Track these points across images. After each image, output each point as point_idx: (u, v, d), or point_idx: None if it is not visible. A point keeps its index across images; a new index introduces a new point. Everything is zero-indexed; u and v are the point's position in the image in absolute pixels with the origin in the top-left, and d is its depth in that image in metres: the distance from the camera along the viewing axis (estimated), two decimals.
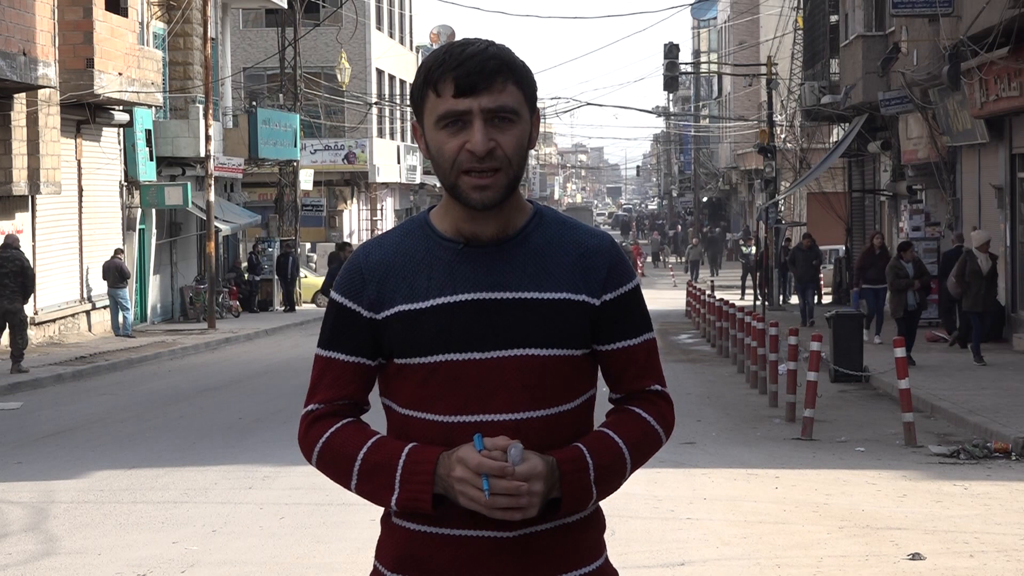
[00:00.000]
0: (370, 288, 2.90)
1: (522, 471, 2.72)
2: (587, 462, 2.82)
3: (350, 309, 2.91)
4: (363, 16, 52.55)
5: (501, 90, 2.81)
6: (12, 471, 13.15)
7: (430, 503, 2.78)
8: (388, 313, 2.87)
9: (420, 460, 2.79)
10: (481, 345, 2.83)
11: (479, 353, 2.83)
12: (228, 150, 38.61)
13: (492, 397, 2.82)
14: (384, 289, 2.89)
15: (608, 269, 2.92)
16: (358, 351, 2.91)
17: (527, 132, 2.87)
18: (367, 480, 2.84)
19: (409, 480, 2.78)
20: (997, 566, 8.80)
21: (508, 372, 2.83)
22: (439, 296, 2.85)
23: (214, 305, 33.75)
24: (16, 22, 24.26)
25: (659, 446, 2.97)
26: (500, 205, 2.85)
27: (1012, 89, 22.18)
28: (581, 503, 2.84)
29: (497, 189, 2.82)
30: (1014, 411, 15.78)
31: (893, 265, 22.16)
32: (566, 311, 2.87)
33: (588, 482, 2.82)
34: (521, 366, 2.83)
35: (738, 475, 12.43)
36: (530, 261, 2.89)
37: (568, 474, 2.80)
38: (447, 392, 2.82)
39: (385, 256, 2.92)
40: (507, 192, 2.84)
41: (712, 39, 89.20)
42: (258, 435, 15.37)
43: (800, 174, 43.15)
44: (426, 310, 2.85)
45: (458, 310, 2.84)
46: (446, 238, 2.90)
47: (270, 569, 8.90)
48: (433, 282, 2.86)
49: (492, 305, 2.85)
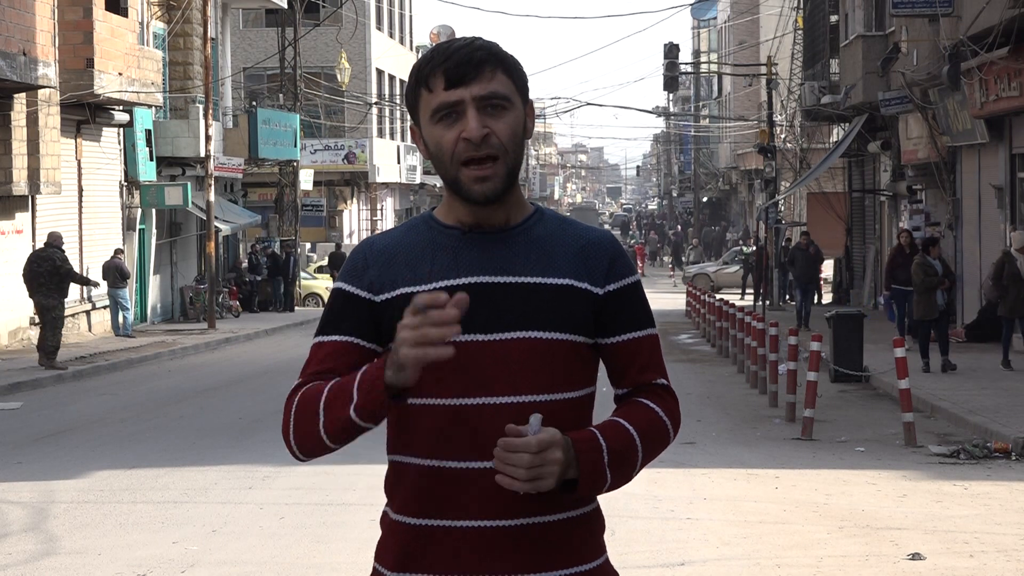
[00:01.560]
0: (371, 271, 2.91)
1: (545, 438, 2.71)
2: (601, 444, 2.82)
3: (349, 292, 2.92)
4: (363, 16, 52.56)
5: (491, 78, 2.84)
6: (12, 471, 13.15)
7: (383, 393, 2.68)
8: (389, 295, 2.88)
9: (375, 363, 2.73)
10: (484, 327, 2.84)
11: (482, 335, 2.84)
12: (228, 150, 38.61)
13: (495, 380, 2.82)
14: (386, 273, 2.90)
15: (610, 261, 2.94)
16: (352, 331, 2.89)
17: (521, 120, 2.89)
18: (330, 408, 2.76)
19: (363, 380, 2.72)
20: (997, 566, 8.80)
21: (511, 354, 2.83)
22: (443, 279, 2.87)
23: (214, 305, 33.75)
24: (16, 22, 24.26)
25: (667, 441, 2.96)
26: (501, 199, 2.87)
27: (1012, 89, 22.18)
28: (597, 485, 2.83)
29: (497, 179, 2.84)
30: (1014, 411, 15.78)
31: (921, 263, 20.73)
32: (569, 297, 2.88)
33: (603, 465, 2.81)
34: (524, 349, 2.84)
35: (738, 475, 12.44)
36: (533, 248, 2.91)
37: (584, 453, 2.79)
38: (449, 375, 2.81)
39: (388, 244, 2.94)
40: (507, 182, 2.86)
41: (712, 39, 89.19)
42: (258, 435, 15.37)
43: (800, 174, 43.15)
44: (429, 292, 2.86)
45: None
46: (449, 226, 2.93)
47: (270, 569, 8.90)
48: (437, 266, 2.89)
49: (496, 288, 2.86)
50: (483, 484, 2.81)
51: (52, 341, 22.59)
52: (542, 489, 2.73)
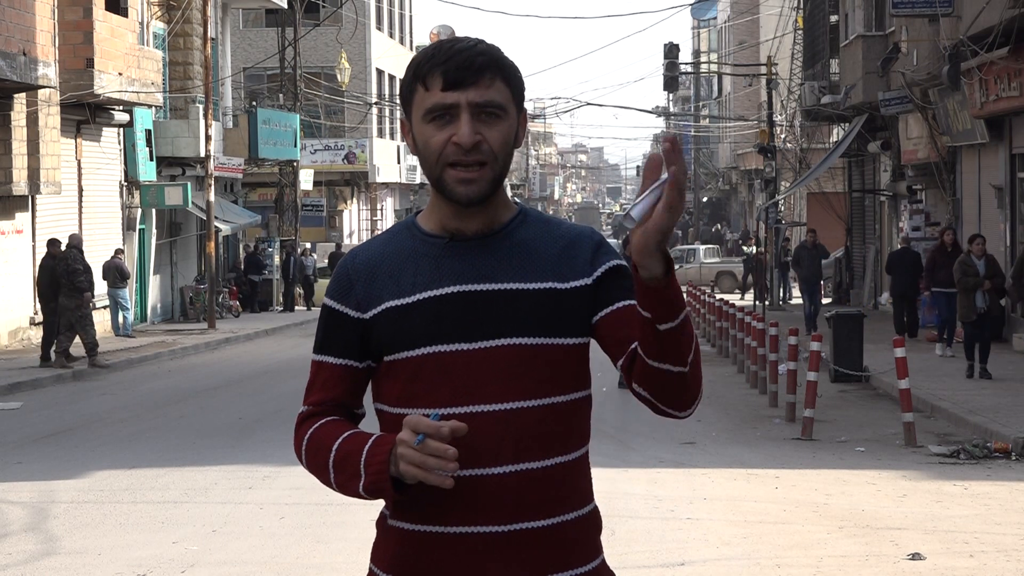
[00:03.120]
0: (357, 289, 2.92)
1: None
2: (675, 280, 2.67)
3: (338, 311, 2.94)
4: (363, 16, 52.55)
5: (489, 85, 2.83)
6: (12, 471, 13.16)
7: (389, 482, 2.75)
8: (376, 311, 2.89)
9: (381, 443, 2.79)
10: (469, 336, 2.84)
11: (467, 344, 2.84)
12: (228, 150, 38.61)
13: (482, 387, 2.81)
14: (371, 288, 2.91)
15: (593, 251, 2.93)
16: (346, 353, 2.93)
17: (514, 129, 2.89)
18: (340, 471, 2.85)
19: (370, 463, 2.78)
20: (997, 566, 8.80)
21: (497, 361, 2.83)
22: (425, 290, 2.87)
23: (214, 305, 33.76)
24: (16, 22, 24.26)
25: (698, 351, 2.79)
26: (485, 201, 2.87)
27: (1012, 89, 22.18)
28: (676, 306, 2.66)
29: (482, 184, 2.84)
30: (1014, 411, 15.78)
31: (962, 260, 19.87)
32: (553, 299, 2.87)
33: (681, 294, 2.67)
34: (509, 355, 2.84)
35: (738, 475, 12.44)
36: (515, 254, 2.90)
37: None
38: (437, 385, 2.83)
39: (371, 257, 2.95)
40: (492, 187, 2.86)
41: (712, 39, 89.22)
42: (258, 435, 15.37)
43: (800, 174, 43.15)
44: (413, 304, 2.87)
45: (445, 303, 2.86)
46: (431, 235, 2.92)
47: (270, 569, 8.90)
48: (419, 277, 2.89)
49: (478, 296, 2.86)
50: (475, 491, 2.81)
51: (87, 339, 22.94)
52: None
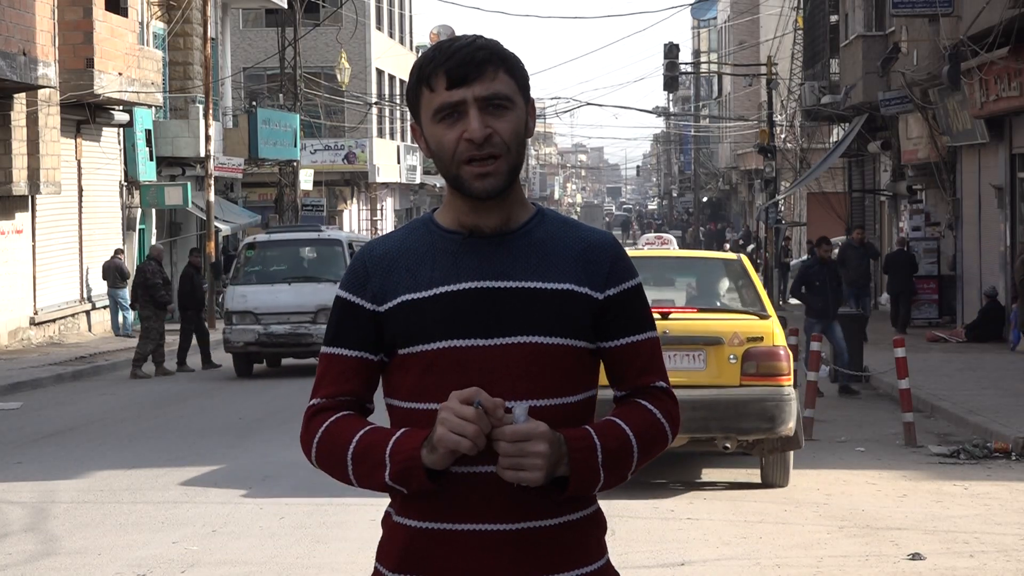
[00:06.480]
0: (373, 281, 2.92)
1: (523, 428, 2.71)
2: (595, 443, 2.81)
3: (353, 303, 2.93)
4: (363, 16, 52.55)
5: (493, 78, 2.84)
6: (12, 471, 13.16)
7: (422, 468, 2.75)
8: (391, 304, 2.89)
9: (411, 434, 2.79)
10: (484, 332, 2.85)
11: (482, 340, 2.84)
12: (228, 150, 38.61)
13: (495, 384, 2.81)
14: (387, 281, 2.91)
15: (611, 264, 2.93)
16: (360, 345, 2.92)
17: (523, 119, 2.90)
18: (360, 462, 2.83)
19: (399, 451, 2.78)
20: (997, 566, 8.80)
21: (511, 359, 2.84)
22: (442, 285, 2.87)
23: (214, 305, 33.73)
24: (16, 22, 24.25)
25: (666, 443, 2.95)
26: (502, 196, 2.88)
27: (1012, 89, 22.18)
28: (589, 483, 2.82)
29: (498, 176, 2.85)
30: (1014, 411, 15.77)
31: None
32: (569, 302, 2.88)
33: (596, 463, 2.81)
34: (524, 353, 2.84)
35: (738, 475, 12.44)
36: (533, 253, 2.91)
37: (576, 451, 2.78)
38: (450, 380, 2.82)
39: (388, 251, 2.94)
40: (508, 179, 2.87)
41: (712, 39, 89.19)
42: (258, 435, 15.37)
43: (800, 174, 43.16)
44: (429, 298, 2.87)
45: (461, 298, 2.86)
46: (449, 231, 2.92)
47: (270, 569, 8.90)
48: (436, 272, 2.89)
49: (495, 293, 2.86)
50: (485, 487, 2.81)
51: (140, 350, 22.86)
52: (525, 482, 2.73)
